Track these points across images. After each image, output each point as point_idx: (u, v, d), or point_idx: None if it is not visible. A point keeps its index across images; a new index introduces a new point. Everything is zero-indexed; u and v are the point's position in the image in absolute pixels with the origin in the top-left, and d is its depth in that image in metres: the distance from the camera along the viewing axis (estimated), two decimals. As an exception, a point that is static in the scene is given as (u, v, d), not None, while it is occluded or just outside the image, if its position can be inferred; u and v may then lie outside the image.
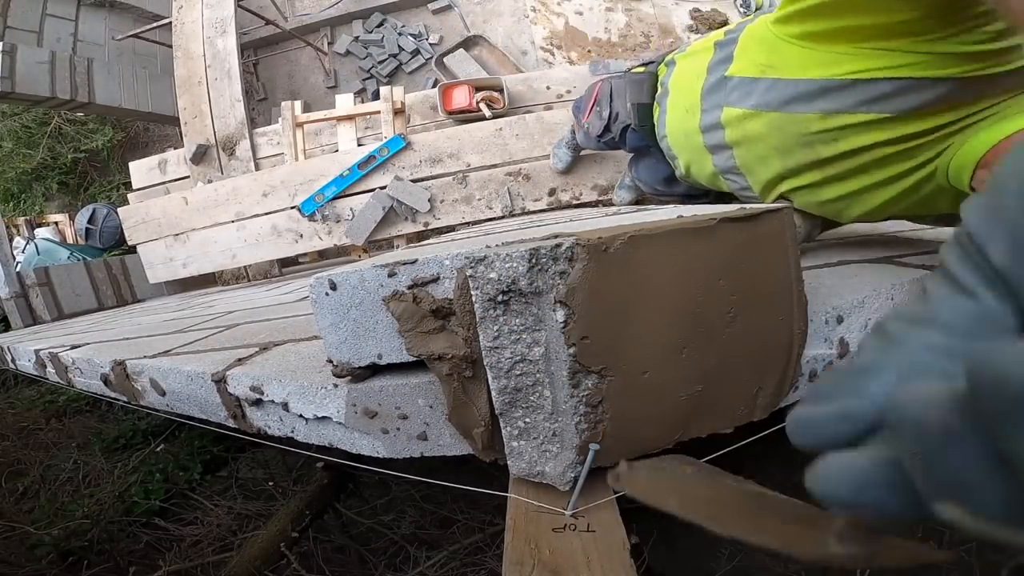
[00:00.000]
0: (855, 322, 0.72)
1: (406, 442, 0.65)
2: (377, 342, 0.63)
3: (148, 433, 2.39)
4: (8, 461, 2.26)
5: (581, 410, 0.52)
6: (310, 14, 4.70)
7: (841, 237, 1.28)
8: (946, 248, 0.18)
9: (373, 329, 0.62)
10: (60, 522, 1.76)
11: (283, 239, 2.72)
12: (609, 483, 0.33)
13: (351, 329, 0.63)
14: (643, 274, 0.51)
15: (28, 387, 3.04)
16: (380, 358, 0.63)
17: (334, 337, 0.64)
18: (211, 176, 3.10)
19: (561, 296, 0.48)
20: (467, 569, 1.48)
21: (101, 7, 4.41)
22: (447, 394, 0.60)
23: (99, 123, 5.23)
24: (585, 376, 0.51)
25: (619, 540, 0.51)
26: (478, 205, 2.62)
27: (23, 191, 5.33)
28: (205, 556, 1.64)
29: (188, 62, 3.22)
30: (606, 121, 1.50)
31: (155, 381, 1.01)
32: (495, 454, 0.60)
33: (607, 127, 1.52)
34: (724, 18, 4.13)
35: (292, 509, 1.71)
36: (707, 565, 1.51)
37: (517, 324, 0.50)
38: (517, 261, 0.48)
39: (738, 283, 0.56)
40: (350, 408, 0.66)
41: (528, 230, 0.81)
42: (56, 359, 1.44)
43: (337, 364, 0.66)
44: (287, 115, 2.97)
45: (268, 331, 1.15)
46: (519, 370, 0.52)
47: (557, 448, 0.54)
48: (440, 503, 1.75)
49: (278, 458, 2.12)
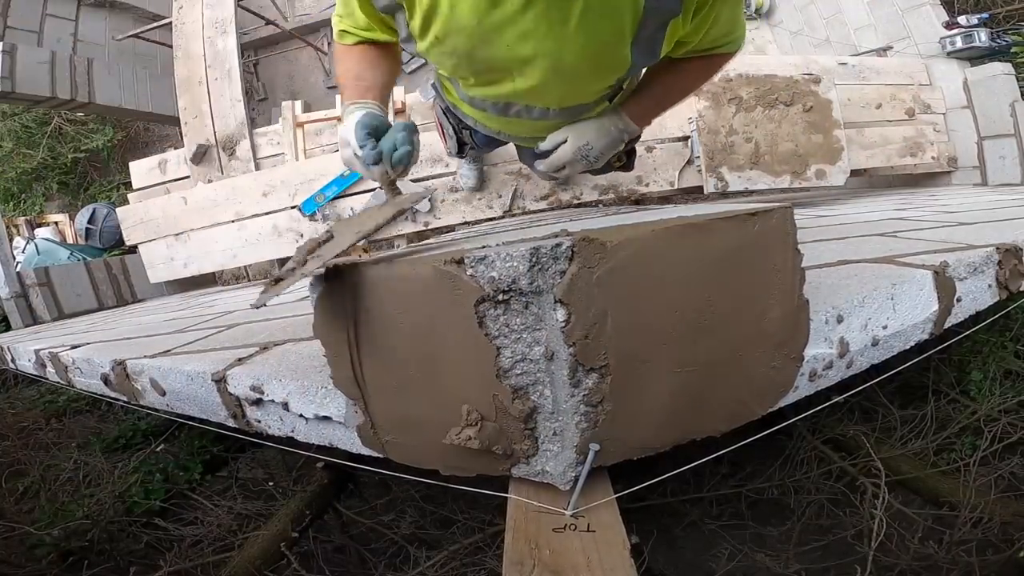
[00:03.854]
0: (855, 322, 0.72)
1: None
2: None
3: (148, 433, 2.38)
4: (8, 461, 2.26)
5: (581, 409, 0.52)
6: (310, 14, 4.70)
7: (841, 237, 1.28)
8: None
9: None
10: (60, 522, 1.76)
11: (283, 239, 2.72)
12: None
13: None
14: (643, 273, 0.51)
15: (28, 387, 3.04)
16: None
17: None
18: (211, 176, 3.10)
19: (561, 295, 0.48)
20: (467, 569, 1.48)
21: (101, 7, 4.41)
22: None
23: (99, 123, 5.23)
24: (585, 375, 0.51)
25: (619, 540, 0.51)
26: (478, 205, 2.62)
27: (23, 191, 5.33)
28: (205, 556, 1.64)
29: (188, 62, 3.22)
30: (454, 136, 1.47)
31: (155, 381, 1.01)
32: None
33: (459, 141, 1.48)
34: (724, 18, 4.13)
35: (292, 509, 1.71)
36: (707, 565, 1.51)
37: (517, 323, 0.50)
38: (518, 260, 0.48)
39: (738, 282, 0.56)
40: (350, 407, 0.66)
41: (528, 230, 0.81)
42: (56, 359, 1.44)
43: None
44: (287, 115, 2.97)
45: (268, 331, 1.15)
46: (519, 369, 0.52)
47: (557, 447, 0.54)
48: (440, 503, 1.75)
49: (278, 458, 2.11)
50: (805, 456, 1.75)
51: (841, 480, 1.66)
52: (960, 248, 0.96)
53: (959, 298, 0.84)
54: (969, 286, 0.86)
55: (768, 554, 1.49)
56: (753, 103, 2.42)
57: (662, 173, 2.63)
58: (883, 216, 1.67)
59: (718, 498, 1.69)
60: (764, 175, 2.43)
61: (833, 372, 0.71)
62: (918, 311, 0.79)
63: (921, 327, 0.80)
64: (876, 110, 2.80)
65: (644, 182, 2.64)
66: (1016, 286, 0.93)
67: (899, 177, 3.18)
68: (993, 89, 2.74)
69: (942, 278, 0.82)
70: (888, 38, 3.19)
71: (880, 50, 3.20)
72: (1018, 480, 1.54)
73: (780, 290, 0.60)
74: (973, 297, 0.87)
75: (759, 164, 2.42)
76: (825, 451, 1.76)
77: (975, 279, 0.87)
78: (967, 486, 1.48)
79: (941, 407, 1.83)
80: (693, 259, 0.53)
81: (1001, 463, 1.59)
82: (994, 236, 1.02)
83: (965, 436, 1.72)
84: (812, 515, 1.60)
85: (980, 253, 0.90)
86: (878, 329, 0.74)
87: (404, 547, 1.61)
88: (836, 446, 1.77)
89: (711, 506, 1.68)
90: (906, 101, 2.86)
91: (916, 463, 1.65)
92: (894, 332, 0.76)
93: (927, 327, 0.81)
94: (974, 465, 1.57)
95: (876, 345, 0.75)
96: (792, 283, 0.61)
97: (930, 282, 0.80)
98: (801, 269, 0.62)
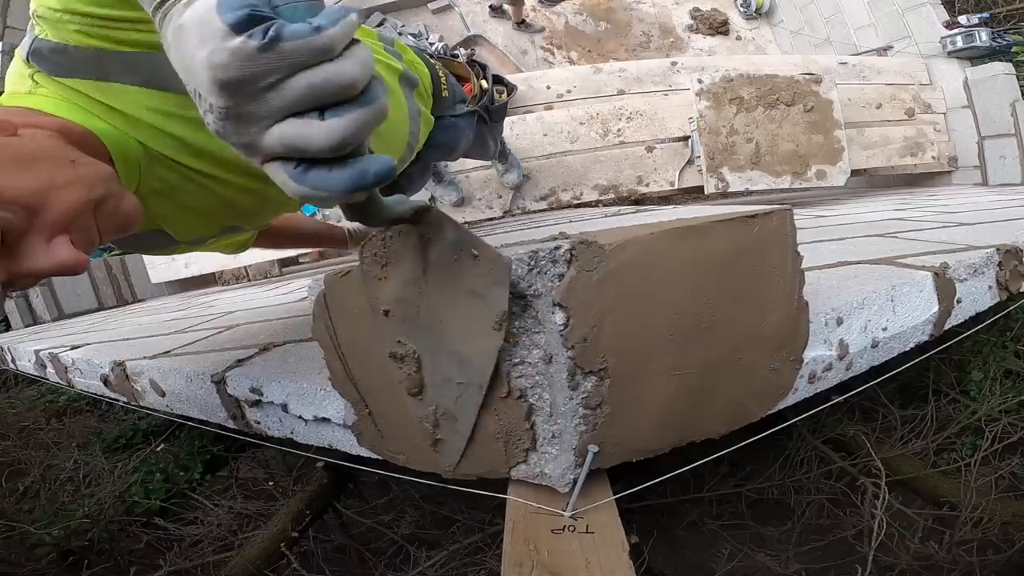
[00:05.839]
0: (855, 323, 0.72)
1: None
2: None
3: (148, 433, 2.39)
4: (8, 461, 2.26)
5: (580, 412, 0.52)
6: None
7: (841, 238, 1.28)
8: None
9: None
10: (60, 522, 1.76)
11: (283, 239, 2.72)
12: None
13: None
14: (642, 276, 0.51)
15: (28, 387, 3.04)
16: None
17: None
18: (211, 176, 3.09)
19: (560, 298, 0.48)
20: (467, 569, 1.49)
21: (101, 7, 4.40)
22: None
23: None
24: (584, 378, 0.51)
25: (618, 541, 0.51)
26: (478, 205, 2.62)
27: (23, 191, 5.32)
28: (205, 556, 1.64)
29: (188, 62, 3.21)
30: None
31: (155, 382, 1.01)
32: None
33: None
34: (724, 17, 4.13)
35: (292, 509, 1.71)
36: (707, 565, 1.51)
37: (516, 326, 0.50)
38: (516, 263, 0.48)
39: (737, 284, 0.56)
40: (349, 409, 0.66)
41: (528, 231, 0.81)
42: (56, 359, 1.44)
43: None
44: (287, 115, 2.96)
45: (268, 332, 1.15)
46: (518, 372, 0.52)
47: (556, 450, 0.54)
48: (440, 503, 1.75)
49: (278, 458, 2.11)
50: (805, 456, 1.75)
51: (841, 480, 1.66)
52: (960, 249, 0.95)
53: (959, 299, 0.84)
54: (969, 287, 0.86)
55: (768, 554, 1.49)
56: (754, 103, 2.42)
57: (662, 173, 2.63)
58: (883, 216, 1.67)
59: (718, 498, 1.69)
60: (765, 175, 2.43)
61: (832, 374, 0.71)
62: (918, 313, 0.79)
63: (921, 329, 0.80)
64: (876, 110, 2.79)
65: (644, 182, 2.64)
66: (1016, 287, 0.93)
67: (899, 177, 3.18)
68: (993, 89, 2.74)
69: (942, 280, 0.82)
70: (888, 38, 3.19)
71: (880, 50, 3.20)
72: (1018, 480, 1.55)
73: (779, 292, 0.60)
74: (973, 298, 0.87)
75: (760, 164, 2.42)
76: (825, 451, 1.76)
77: (975, 280, 0.87)
78: (967, 486, 1.48)
79: (941, 407, 1.83)
80: (692, 262, 0.53)
81: (1001, 463, 1.59)
82: (994, 237, 1.02)
83: (965, 436, 1.72)
84: (812, 515, 1.60)
85: (980, 254, 0.89)
86: (878, 331, 0.74)
87: (404, 547, 1.61)
88: (836, 446, 1.78)
89: (711, 506, 1.68)
90: (906, 101, 2.86)
91: (916, 463, 1.65)
92: (894, 334, 0.76)
93: (927, 329, 0.81)
94: (974, 465, 1.57)
95: (876, 347, 0.75)
96: (791, 285, 0.61)
97: (930, 284, 0.80)
98: (801, 271, 0.62)
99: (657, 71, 2.76)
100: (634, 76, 2.77)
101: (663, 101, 2.68)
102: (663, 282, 0.52)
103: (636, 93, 2.70)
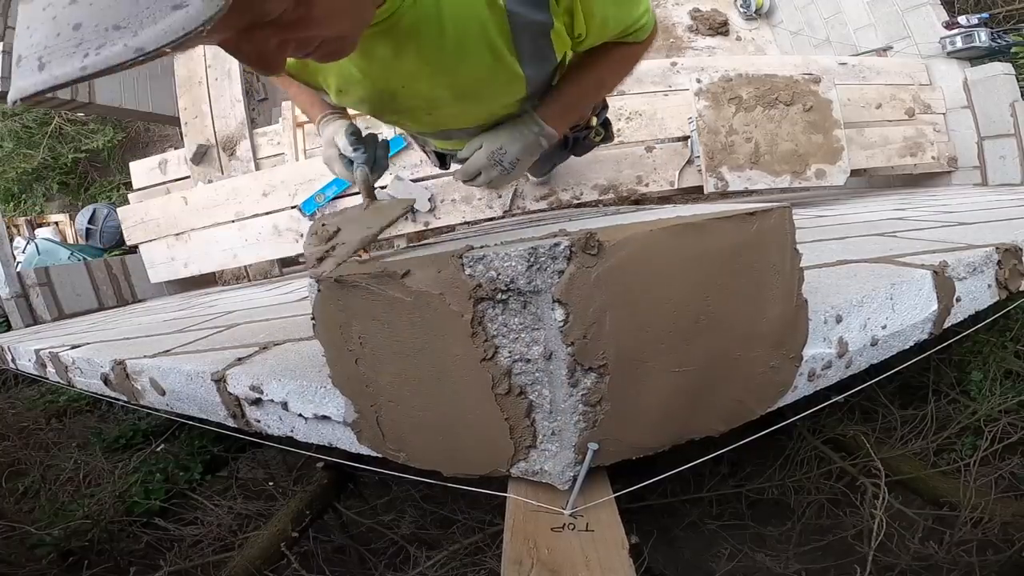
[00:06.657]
0: (854, 322, 0.72)
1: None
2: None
3: (148, 433, 2.38)
4: (8, 461, 2.26)
5: (580, 409, 0.52)
6: (310, 14, 4.69)
7: (841, 237, 1.28)
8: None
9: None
10: (60, 522, 1.76)
11: (284, 239, 2.72)
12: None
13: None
14: (641, 273, 0.51)
15: (28, 387, 3.04)
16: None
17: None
18: (211, 176, 3.10)
19: (560, 295, 0.48)
20: (467, 569, 1.48)
21: (102, 7, 4.40)
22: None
23: (100, 123, 5.23)
24: (584, 375, 0.51)
25: (618, 539, 0.51)
26: (478, 205, 2.62)
27: (23, 191, 5.33)
28: (205, 556, 1.64)
29: (188, 62, 3.22)
30: (433, 153, 1.49)
31: (155, 381, 1.01)
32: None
33: (438, 155, 1.47)
34: (724, 18, 4.13)
35: (292, 509, 1.71)
36: (707, 565, 1.51)
37: (516, 323, 0.50)
38: (516, 260, 0.48)
39: (737, 281, 0.56)
40: (350, 406, 0.66)
41: (527, 229, 0.81)
42: (56, 359, 1.44)
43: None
44: (287, 115, 2.97)
45: (268, 331, 1.15)
46: (518, 369, 0.52)
47: (556, 447, 0.54)
48: (440, 503, 1.75)
49: (278, 458, 2.11)
50: (805, 456, 1.75)
51: (841, 480, 1.66)
52: (960, 248, 0.95)
53: (959, 298, 0.84)
54: (968, 286, 0.86)
55: (768, 554, 1.49)
56: (753, 103, 2.42)
57: (662, 173, 2.63)
58: (883, 216, 1.67)
59: (718, 498, 1.69)
60: (764, 175, 2.43)
61: (832, 372, 0.71)
62: (917, 311, 0.79)
63: (920, 327, 0.80)
64: (876, 110, 2.80)
65: (644, 182, 2.64)
66: (1016, 286, 0.93)
67: (899, 177, 3.18)
68: (993, 89, 2.74)
69: (941, 278, 0.82)
70: (888, 38, 3.19)
71: (880, 50, 3.20)
72: (1018, 480, 1.54)
73: (779, 290, 0.60)
74: (973, 297, 0.87)
75: (759, 164, 2.42)
76: (825, 451, 1.75)
77: (975, 279, 0.87)
78: (967, 486, 1.48)
79: (941, 407, 1.83)
80: (691, 259, 0.53)
81: (1001, 463, 1.59)
82: (994, 236, 1.02)
83: (965, 436, 1.72)
84: (812, 515, 1.60)
85: (980, 253, 0.89)
86: (877, 329, 0.74)
87: (404, 547, 1.61)
88: (836, 446, 1.77)
89: (711, 506, 1.68)
90: (906, 101, 2.86)
91: (916, 463, 1.65)
92: (893, 332, 0.76)
93: (926, 327, 0.81)
94: (974, 465, 1.57)
95: (875, 345, 0.75)
96: (791, 283, 0.61)
97: (929, 282, 0.80)
98: (800, 269, 0.62)
99: (656, 71, 2.76)
100: (634, 76, 2.76)
101: (662, 101, 2.68)
102: (663, 279, 0.52)
103: (636, 93, 2.71)
